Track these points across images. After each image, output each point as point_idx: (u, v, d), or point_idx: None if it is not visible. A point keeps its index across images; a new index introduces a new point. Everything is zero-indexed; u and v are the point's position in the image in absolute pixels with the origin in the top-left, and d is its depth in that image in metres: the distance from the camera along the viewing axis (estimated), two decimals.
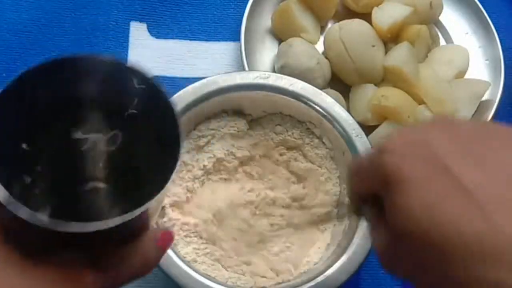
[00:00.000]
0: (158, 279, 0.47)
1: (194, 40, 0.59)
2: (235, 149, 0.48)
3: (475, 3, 0.62)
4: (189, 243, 0.44)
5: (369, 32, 0.55)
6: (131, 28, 0.58)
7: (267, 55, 0.58)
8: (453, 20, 0.63)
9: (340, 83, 0.56)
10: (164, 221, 0.44)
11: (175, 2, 0.61)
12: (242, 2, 0.59)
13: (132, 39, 0.58)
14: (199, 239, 0.45)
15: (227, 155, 0.48)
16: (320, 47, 0.58)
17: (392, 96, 0.52)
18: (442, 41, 0.62)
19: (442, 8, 0.60)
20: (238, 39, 0.56)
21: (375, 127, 0.53)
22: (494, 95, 0.57)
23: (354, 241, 0.42)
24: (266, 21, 0.59)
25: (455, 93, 0.54)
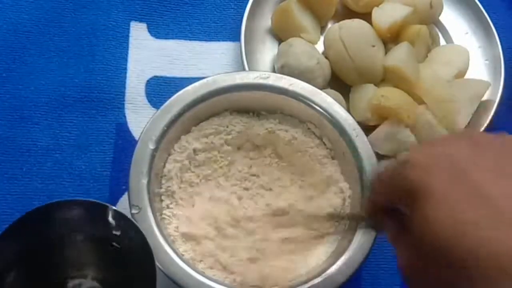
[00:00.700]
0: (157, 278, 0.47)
1: (194, 40, 0.59)
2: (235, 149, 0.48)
3: (475, 3, 0.62)
4: (187, 241, 0.44)
5: (369, 32, 0.55)
6: (131, 28, 0.58)
7: (267, 55, 0.58)
8: (453, 20, 0.63)
9: (340, 83, 0.56)
10: (164, 218, 0.44)
11: (175, 2, 0.61)
12: (242, 2, 0.59)
13: (132, 39, 0.58)
14: (197, 239, 0.45)
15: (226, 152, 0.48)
16: (320, 47, 0.58)
17: (392, 96, 0.52)
18: (442, 41, 0.62)
19: (442, 8, 0.61)
20: (238, 39, 0.56)
21: (375, 127, 0.53)
22: (494, 95, 0.57)
23: (354, 241, 0.42)
24: (266, 21, 0.59)
25: (455, 93, 0.54)
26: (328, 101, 0.47)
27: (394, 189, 0.28)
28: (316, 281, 0.40)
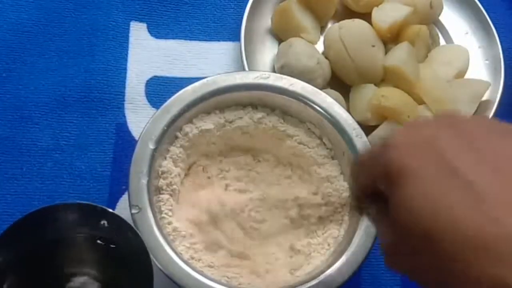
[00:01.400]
0: (157, 278, 0.47)
1: (194, 40, 0.59)
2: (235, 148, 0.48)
3: (475, 3, 0.62)
4: (185, 239, 0.44)
5: (369, 32, 0.55)
6: (131, 28, 0.58)
7: (267, 55, 0.58)
8: (453, 20, 0.63)
9: (340, 83, 0.56)
10: (163, 217, 0.44)
11: (175, 2, 0.61)
12: (242, 2, 0.59)
13: (132, 39, 0.58)
14: (195, 236, 0.45)
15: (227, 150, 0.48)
16: (320, 47, 0.58)
17: (392, 96, 0.52)
18: (442, 41, 0.62)
19: (442, 8, 0.61)
20: (238, 39, 0.56)
21: (375, 127, 0.53)
22: (494, 95, 0.57)
23: (354, 241, 0.42)
24: (266, 21, 0.59)
25: (455, 93, 0.54)
26: (328, 101, 0.47)
27: (375, 170, 0.29)
28: (316, 281, 0.40)
